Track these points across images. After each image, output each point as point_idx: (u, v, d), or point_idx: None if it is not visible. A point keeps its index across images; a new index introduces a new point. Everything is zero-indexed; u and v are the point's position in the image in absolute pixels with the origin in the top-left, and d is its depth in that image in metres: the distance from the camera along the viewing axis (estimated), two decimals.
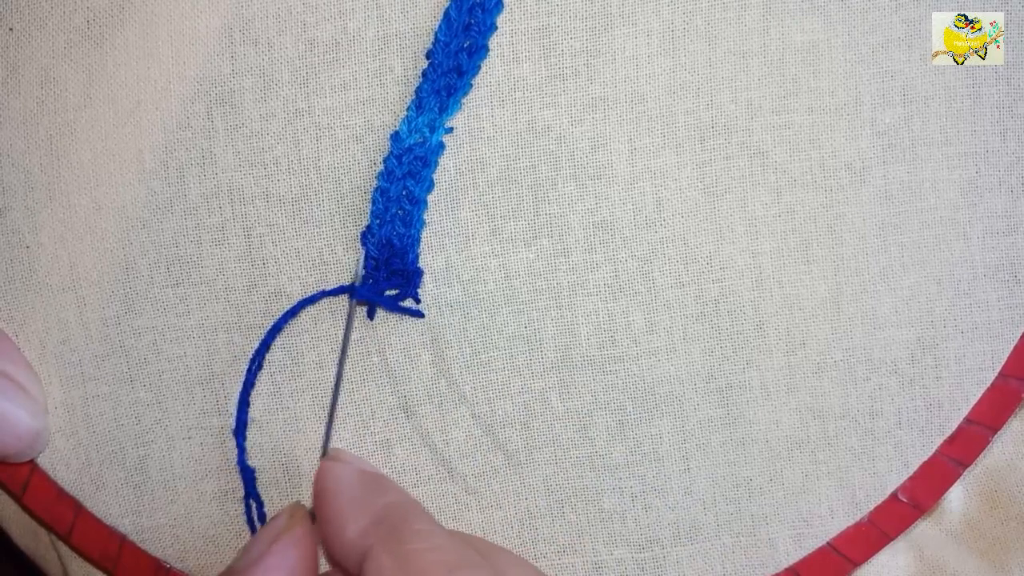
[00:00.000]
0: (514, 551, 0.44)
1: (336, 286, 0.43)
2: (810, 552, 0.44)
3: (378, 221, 0.43)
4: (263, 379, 0.44)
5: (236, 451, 0.44)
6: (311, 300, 0.43)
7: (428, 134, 0.43)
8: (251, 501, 0.44)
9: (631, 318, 0.44)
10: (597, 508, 0.44)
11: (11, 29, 0.44)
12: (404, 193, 0.43)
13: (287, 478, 0.44)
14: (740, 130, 0.43)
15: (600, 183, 0.43)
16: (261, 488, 0.44)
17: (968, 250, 0.44)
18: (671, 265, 0.44)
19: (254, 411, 0.44)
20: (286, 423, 0.44)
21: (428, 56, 0.43)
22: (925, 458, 0.44)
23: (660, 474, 0.44)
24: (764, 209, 0.44)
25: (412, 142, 0.43)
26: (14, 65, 0.44)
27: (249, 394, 0.44)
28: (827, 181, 0.44)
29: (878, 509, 0.44)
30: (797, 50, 0.43)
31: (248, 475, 0.44)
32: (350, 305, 0.43)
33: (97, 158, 0.43)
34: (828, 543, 0.44)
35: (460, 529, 0.44)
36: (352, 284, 0.43)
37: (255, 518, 0.44)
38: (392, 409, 0.44)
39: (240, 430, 0.44)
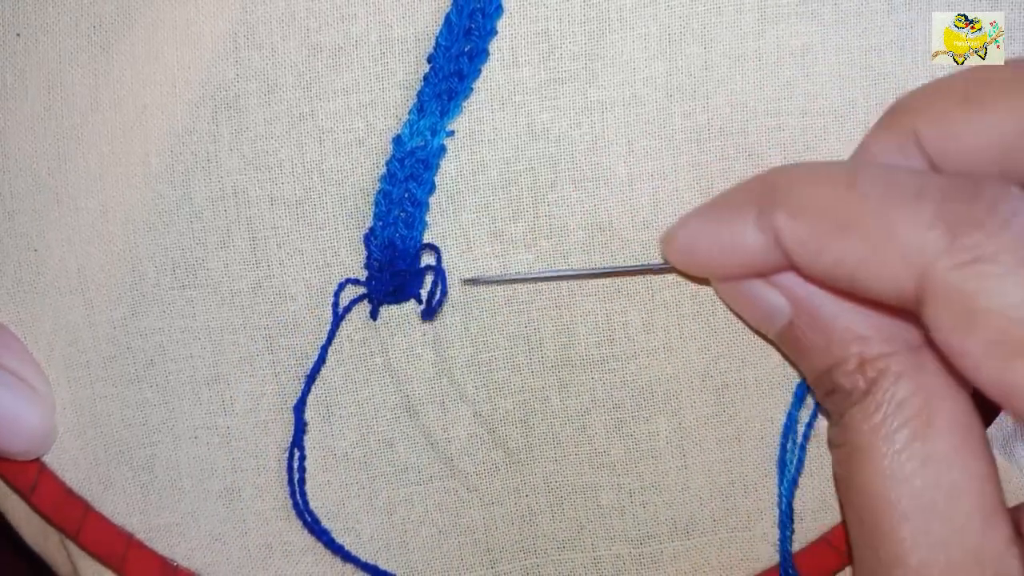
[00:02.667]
0: (515, 548, 0.45)
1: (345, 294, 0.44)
2: (805, 546, 0.45)
3: (381, 223, 0.43)
4: (268, 381, 0.45)
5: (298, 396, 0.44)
6: (348, 309, 0.44)
7: (429, 137, 0.43)
8: (295, 450, 0.44)
9: (628, 317, 0.44)
10: (596, 504, 0.45)
11: (19, 35, 0.44)
12: (406, 196, 0.43)
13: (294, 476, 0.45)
14: (736, 132, 0.44)
15: (598, 185, 0.44)
16: (265, 485, 0.45)
17: None
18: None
19: (259, 413, 0.45)
20: (289, 423, 0.45)
21: (429, 60, 0.43)
22: None
23: (657, 471, 0.45)
24: None
25: (414, 145, 0.43)
26: (22, 70, 0.44)
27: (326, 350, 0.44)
28: None
29: None
30: (791, 53, 0.44)
31: (300, 425, 0.44)
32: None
33: (104, 162, 0.44)
34: (823, 537, 0.45)
35: (460, 526, 0.45)
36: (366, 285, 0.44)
37: (295, 467, 0.44)
38: (395, 408, 0.45)
39: (309, 381, 0.44)
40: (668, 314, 0.44)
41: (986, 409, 0.37)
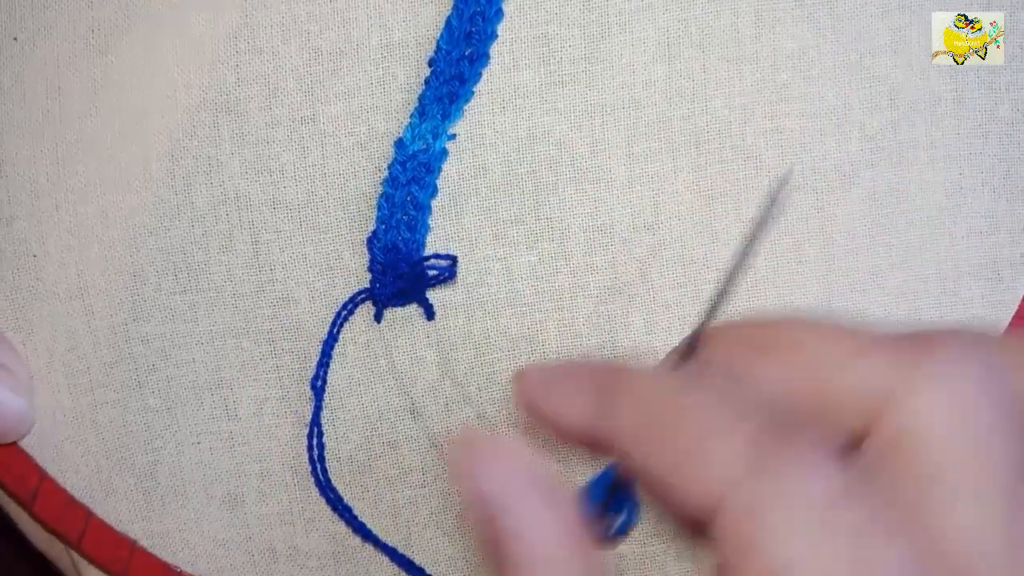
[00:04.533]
0: None
1: (350, 294, 0.44)
2: None
3: (384, 226, 0.43)
4: (272, 386, 0.44)
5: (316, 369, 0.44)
6: (350, 312, 0.44)
7: (431, 140, 0.44)
8: (315, 428, 0.44)
9: (630, 319, 0.45)
10: None
11: (15, 38, 0.44)
12: (409, 199, 0.44)
13: (296, 480, 0.45)
14: (734, 135, 0.44)
15: (599, 187, 0.44)
16: (269, 489, 0.45)
17: (953, 249, 0.45)
18: (669, 267, 0.45)
19: (263, 418, 0.45)
20: (293, 426, 0.45)
21: (430, 64, 0.43)
22: None
23: None
24: (758, 212, 0.45)
25: (416, 148, 0.43)
26: (19, 74, 0.44)
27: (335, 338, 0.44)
28: (818, 184, 0.45)
29: None
30: (788, 56, 0.44)
31: (319, 402, 0.44)
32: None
33: (103, 167, 0.44)
34: None
35: (466, 529, 0.45)
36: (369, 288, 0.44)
37: (314, 445, 0.44)
38: (399, 411, 0.45)
39: (324, 357, 0.44)
40: (669, 315, 0.45)
41: None
